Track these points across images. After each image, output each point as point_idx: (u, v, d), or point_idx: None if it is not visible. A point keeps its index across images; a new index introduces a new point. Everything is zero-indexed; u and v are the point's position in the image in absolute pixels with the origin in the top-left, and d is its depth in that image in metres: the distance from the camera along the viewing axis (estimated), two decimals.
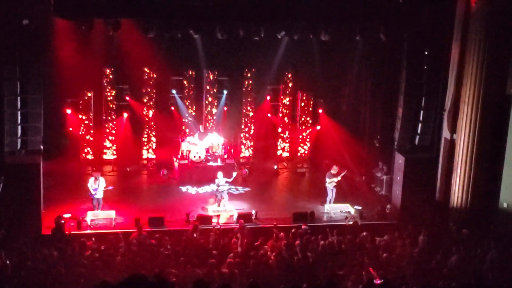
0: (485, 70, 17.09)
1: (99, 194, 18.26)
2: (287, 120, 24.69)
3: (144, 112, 23.11)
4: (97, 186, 18.18)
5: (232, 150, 23.16)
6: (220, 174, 19.37)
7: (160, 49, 20.65)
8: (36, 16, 16.67)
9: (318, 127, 24.00)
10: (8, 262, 13.48)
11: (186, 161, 22.01)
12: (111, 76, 22.43)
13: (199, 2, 17.48)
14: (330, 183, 19.58)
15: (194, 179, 21.65)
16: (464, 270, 13.64)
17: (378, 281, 12.72)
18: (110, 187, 18.80)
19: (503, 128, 17.46)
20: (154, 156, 23.46)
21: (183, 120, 23.49)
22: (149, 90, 22.96)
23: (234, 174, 19.78)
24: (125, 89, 22.77)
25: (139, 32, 18.65)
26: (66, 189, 19.97)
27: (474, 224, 17.06)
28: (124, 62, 21.27)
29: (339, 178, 19.56)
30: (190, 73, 23.25)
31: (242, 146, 24.27)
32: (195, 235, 15.71)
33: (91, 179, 18.36)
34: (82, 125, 22.38)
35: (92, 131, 22.70)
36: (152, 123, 23.38)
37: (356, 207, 19.38)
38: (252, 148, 24.44)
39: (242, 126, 24.18)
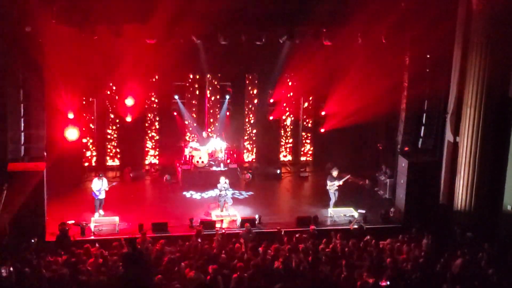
0: (488, 73, 17.07)
1: (102, 195, 18.54)
2: (290, 124, 24.68)
3: (147, 118, 23.14)
4: (101, 186, 18.46)
5: (234, 155, 23.17)
6: (222, 179, 19.38)
7: (163, 55, 20.66)
8: (38, 23, 16.72)
9: (322, 130, 23.94)
10: (12, 269, 13.47)
11: (189, 166, 22.02)
12: (113, 83, 22.45)
13: (201, 8, 17.52)
14: (331, 187, 19.55)
15: (197, 184, 21.65)
16: (469, 274, 13.59)
17: (383, 283, 12.72)
18: (114, 183, 18.98)
19: (506, 130, 17.43)
20: (157, 162, 23.48)
21: (186, 125, 23.51)
22: (151, 95, 23.01)
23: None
24: (128, 95, 22.77)
25: (141, 38, 18.68)
26: (69, 196, 19.98)
27: (478, 227, 17.02)
28: (126, 68, 21.29)
29: (340, 182, 19.52)
30: (193, 78, 23.29)
31: (245, 151, 24.27)
32: (199, 240, 15.69)
33: (95, 180, 18.66)
34: (84, 128, 22.39)
35: (94, 138, 22.74)
36: (155, 129, 23.40)
37: (359, 210, 19.36)
38: (255, 153, 24.44)
39: (245, 131, 24.18)
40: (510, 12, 16.74)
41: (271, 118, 24.24)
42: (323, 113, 23.75)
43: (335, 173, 19.64)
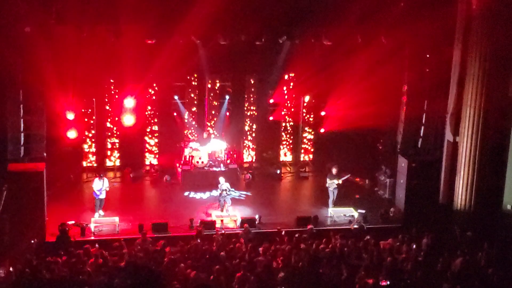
0: (487, 73, 17.06)
1: (103, 195, 18.55)
2: (290, 124, 24.68)
3: (147, 118, 23.12)
4: (102, 186, 18.46)
5: (234, 155, 23.16)
6: (222, 179, 19.38)
7: (162, 55, 20.67)
8: (38, 23, 16.73)
9: (322, 130, 23.93)
10: (11, 269, 13.48)
11: (189, 167, 22.01)
12: (113, 83, 22.45)
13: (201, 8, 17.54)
14: (331, 185, 19.58)
15: (197, 184, 21.64)
16: (469, 273, 13.60)
17: (383, 283, 12.73)
18: (115, 184, 18.91)
19: (506, 130, 17.45)
20: (157, 162, 23.47)
21: (186, 125, 23.51)
22: (151, 96, 23.00)
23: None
24: (127, 95, 22.76)
25: (141, 39, 18.69)
26: (68, 196, 19.98)
27: (478, 226, 17.02)
28: (126, 68, 21.28)
29: (340, 181, 19.55)
30: (192, 78, 23.29)
31: (245, 151, 24.26)
32: (198, 240, 15.70)
33: (96, 180, 18.66)
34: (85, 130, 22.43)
35: (94, 138, 22.74)
36: (155, 128, 23.40)
37: (359, 210, 19.36)
38: (255, 153, 24.44)
39: (245, 131, 24.18)
40: (510, 12, 16.74)
41: (271, 118, 24.23)
42: (323, 113, 23.72)
43: (334, 170, 19.67)
